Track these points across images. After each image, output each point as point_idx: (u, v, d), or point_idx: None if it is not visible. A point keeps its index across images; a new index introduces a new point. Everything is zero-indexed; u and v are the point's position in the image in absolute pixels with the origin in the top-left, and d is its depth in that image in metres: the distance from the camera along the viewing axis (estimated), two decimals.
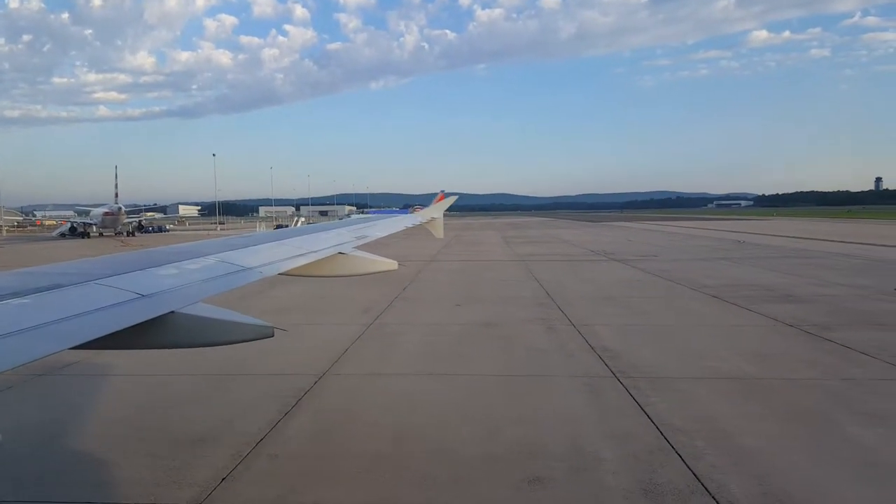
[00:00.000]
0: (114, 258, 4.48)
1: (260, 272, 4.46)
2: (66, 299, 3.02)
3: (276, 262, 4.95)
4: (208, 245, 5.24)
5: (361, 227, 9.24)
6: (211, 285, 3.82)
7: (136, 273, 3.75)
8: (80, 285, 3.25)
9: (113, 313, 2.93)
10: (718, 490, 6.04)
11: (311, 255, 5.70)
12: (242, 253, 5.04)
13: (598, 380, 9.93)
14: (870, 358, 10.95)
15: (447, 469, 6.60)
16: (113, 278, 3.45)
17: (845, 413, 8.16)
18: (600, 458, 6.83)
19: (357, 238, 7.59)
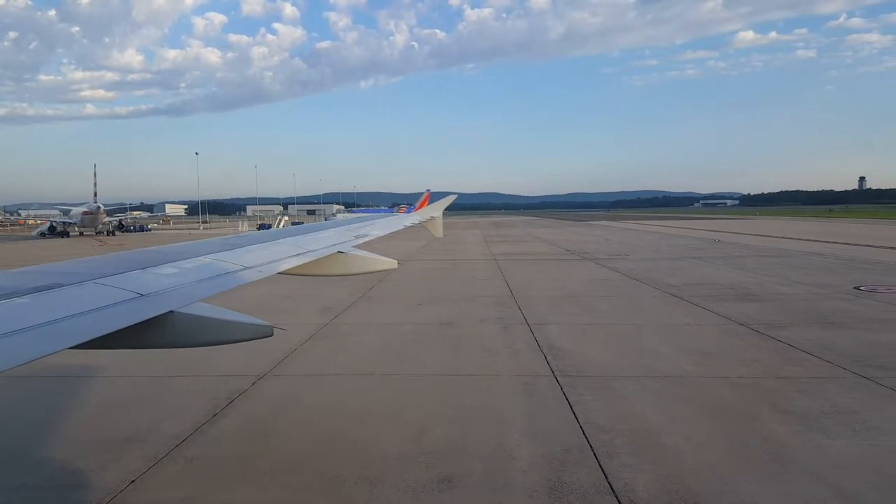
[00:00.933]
0: (113, 257, 4.44)
1: (259, 271, 4.47)
2: (65, 298, 3.01)
3: (275, 262, 4.94)
4: (207, 244, 5.23)
5: (361, 226, 9.22)
6: (210, 284, 3.82)
7: (136, 272, 3.73)
8: (80, 284, 3.24)
9: (112, 313, 2.93)
10: (623, 489, 6.07)
11: (311, 254, 5.70)
12: (242, 252, 5.04)
13: (537, 379, 9.96)
14: (810, 357, 11.05)
15: (359, 470, 6.58)
16: (112, 277, 3.43)
17: (769, 411, 8.23)
18: (515, 457, 6.85)
19: (356, 237, 7.59)
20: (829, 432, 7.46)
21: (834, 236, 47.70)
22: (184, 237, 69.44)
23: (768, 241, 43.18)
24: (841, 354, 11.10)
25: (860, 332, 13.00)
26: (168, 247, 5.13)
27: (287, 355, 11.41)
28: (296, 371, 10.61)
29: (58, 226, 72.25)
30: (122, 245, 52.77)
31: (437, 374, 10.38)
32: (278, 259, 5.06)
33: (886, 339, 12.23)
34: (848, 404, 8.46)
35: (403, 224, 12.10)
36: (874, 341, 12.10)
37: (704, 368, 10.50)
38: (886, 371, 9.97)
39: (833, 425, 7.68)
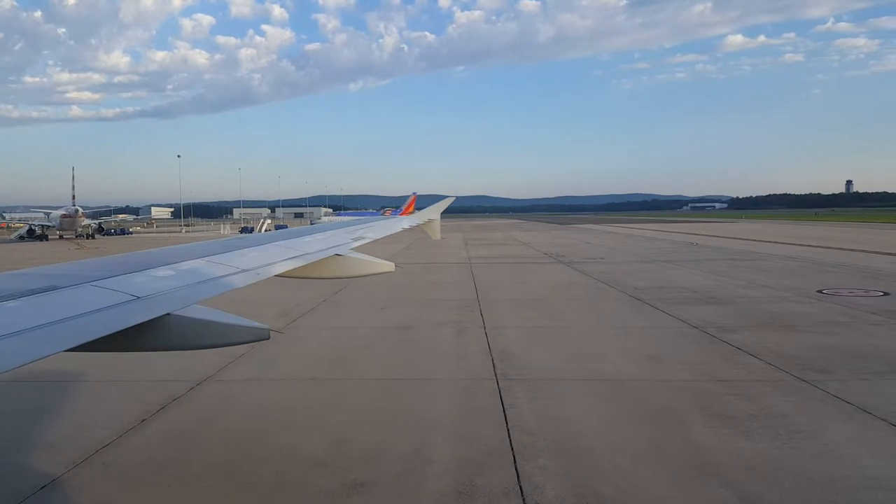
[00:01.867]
0: (110, 260, 4.40)
1: (257, 273, 4.45)
2: (61, 301, 2.99)
3: (272, 264, 4.92)
4: (205, 247, 5.20)
5: (358, 228, 9.17)
6: (207, 287, 3.79)
7: (133, 275, 3.70)
8: (76, 287, 3.22)
9: (109, 315, 2.91)
10: (533, 491, 6.07)
11: (308, 256, 5.67)
12: (239, 255, 5.00)
13: (478, 382, 9.95)
14: (755, 360, 11.11)
15: (272, 476, 6.54)
16: (109, 280, 3.41)
17: (699, 415, 8.25)
18: (434, 461, 6.83)
19: (354, 239, 7.55)
20: (752, 435, 7.48)
21: (812, 239, 48.06)
22: (164, 240, 69.01)
23: (744, 245, 43.46)
24: (785, 357, 11.16)
25: (811, 335, 13.09)
26: (165, 249, 5.12)
27: (232, 360, 11.32)
28: (237, 376, 10.53)
29: (37, 229, 71.53)
30: (98, 249, 52.38)
31: (379, 379, 10.35)
32: (275, 262, 5.06)
33: (834, 343, 12.32)
34: (779, 407, 8.50)
35: (401, 226, 12.10)
36: (822, 344, 12.18)
37: (647, 371, 10.53)
38: (825, 374, 10.04)
39: (758, 428, 7.71)
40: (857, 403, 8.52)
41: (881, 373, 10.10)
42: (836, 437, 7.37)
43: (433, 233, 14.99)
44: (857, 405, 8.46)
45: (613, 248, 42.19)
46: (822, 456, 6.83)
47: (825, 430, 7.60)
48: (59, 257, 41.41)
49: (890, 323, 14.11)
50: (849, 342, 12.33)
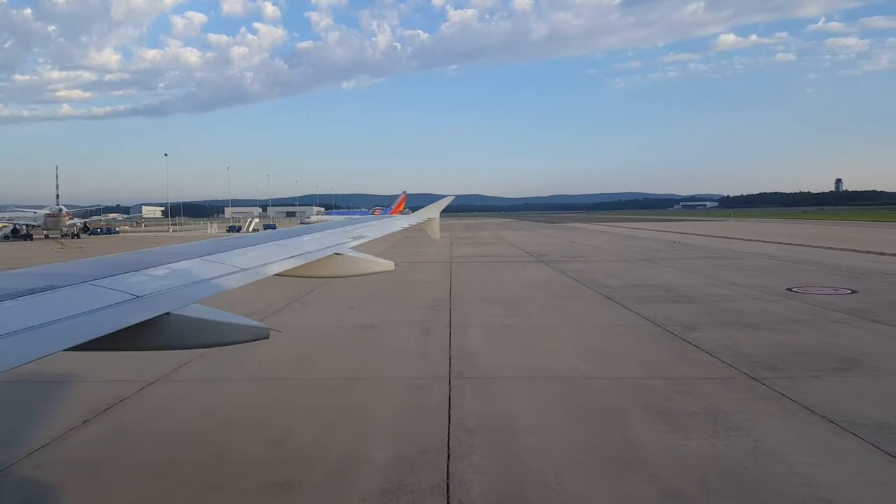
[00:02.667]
0: (109, 259, 4.38)
1: (256, 273, 4.45)
2: (61, 300, 2.98)
3: (272, 263, 4.91)
4: (205, 246, 5.19)
5: (358, 227, 9.15)
6: (207, 286, 3.77)
7: (132, 274, 3.69)
8: (75, 286, 3.21)
9: (108, 314, 2.90)
10: (459, 489, 6.09)
11: (308, 255, 5.67)
12: (239, 254, 4.99)
13: (431, 381, 9.96)
14: (710, 357, 11.17)
15: (206, 475, 6.54)
16: (108, 279, 3.40)
17: (641, 412, 8.30)
18: (368, 461, 6.83)
19: (353, 238, 7.54)
20: (690, 433, 7.53)
21: (795, 238, 48.36)
22: (149, 240, 68.72)
23: (726, 243, 43.68)
24: (740, 355, 11.24)
25: (771, 333, 13.18)
26: (163, 248, 5.11)
27: (187, 361, 11.29)
28: (190, 376, 10.51)
29: (21, 228, 71.07)
30: (82, 248, 52.07)
31: (332, 378, 10.36)
32: (274, 261, 5.05)
33: (791, 340, 12.41)
34: (722, 405, 8.56)
35: (400, 226, 12.13)
36: (779, 342, 12.26)
37: (601, 369, 10.58)
38: (776, 372, 10.11)
39: (697, 426, 7.76)
40: (801, 401, 8.59)
41: (831, 370, 10.19)
42: (771, 435, 7.42)
43: (433, 232, 15.07)
44: (801, 402, 8.53)
45: (596, 247, 42.32)
46: (754, 453, 6.88)
47: (763, 428, 7.66)
48: (42, 258, 41.14)
49: (850, 321, 14.23)
50: (806, 340, 12.42)
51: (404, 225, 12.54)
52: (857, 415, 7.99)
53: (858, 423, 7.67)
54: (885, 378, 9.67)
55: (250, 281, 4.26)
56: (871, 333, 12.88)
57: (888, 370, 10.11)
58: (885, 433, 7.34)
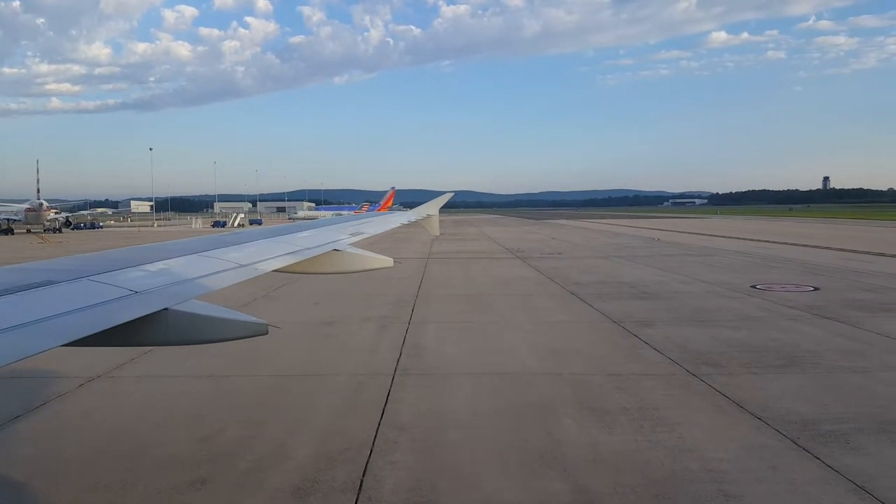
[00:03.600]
0: (108, 254, 4.35)
1: (254, 269, 4.44)
2: (59, 295, 2.97)
3: (270, 259, 4.89)
4: (203, 242, 5.16)
5: (358, 223, 9.11)
6: (206, 282, 3.76)
7: (130, 269, 3.67)
8: (74, 282, 3.20)
9: (106, 310, 2.89)
10: (372, 486, 6.11)
11: (307, 251, 5.64)
12: (237, 250, 4.96)
13: (373, 378, 9.97)
14: (657, 354, 11.25)
15: (123, 473, 6.51)
16: (106, 275, 3.38)
17: (573, 408, 8.35)
18: (289, 458, 6.83)
19: (352, 234, 7.51)
20: (615, 429, 7.59)
21: (775, 235, 48.73)
22: (133, 234, 68.37)
23: (705, 240, 43.93)
24: (688, 352, 11.33)
25: (723, 329, 13.28)
26: (164, 244, 5.09)
27: (139, 356, 11.25)
28: (134, 373, 10.46)
29: (2, 223, 70.43)
30: (62, 243, 51.66)
31: (276, 375, 10.33)
32: (272, 257, 5.04)
33: (741, 337, 12.52)
34: (655, 401, 8.62)
35: (400, 222, 12.12)
36: (729, 339, 12.36)
37: (547, 365, 10.63)
38: (717, 368, 10.20)
39: (625, 422, 7.82)
40: (734, 397, 8.68)
41: (773, 367, 10.28)
42: (696, 431, 7.49)
43: (432, 229, 15.11)
44: (734, 399, 8.61)
45: (576, 244, 42.44)
46: (674, 449, 6.94)
47: (689, 424, 7.72)
48: (11, 252, 40.80)
49: (804, 317, 14.36)
50: (755, 337, 12.53)
51: (403, 221, 12.58)
52: (785, 411, 8.08)
53: (784, 420, 7.76)
54: (822, 375, 9.77)
55: (248, 277, 4.28)
56: (820, 330, 13.01)
57: (826, 367, 10.21)
58: (808, 430, 7.43)
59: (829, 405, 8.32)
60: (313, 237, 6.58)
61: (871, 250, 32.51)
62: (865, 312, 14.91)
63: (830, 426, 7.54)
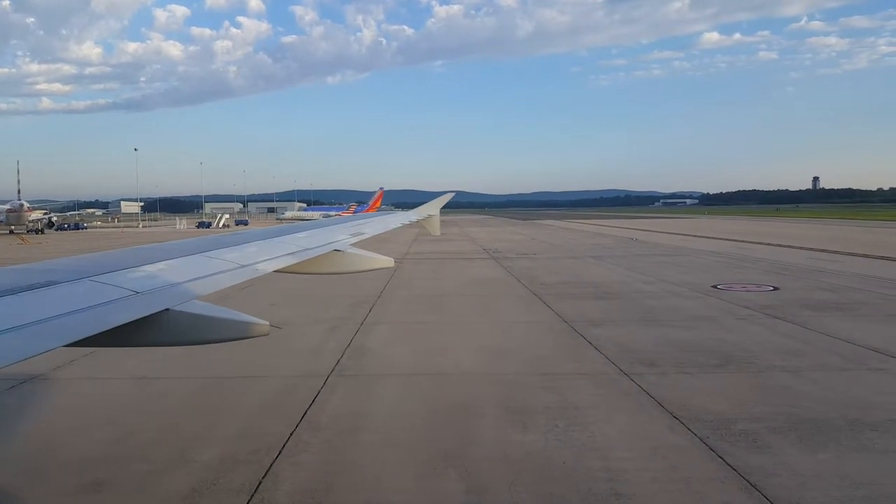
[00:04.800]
0: (109, 254, 4.34)
1: (255, 269, 4.43)
2: (61, 296, 2.97)
3: (271, 260, 4.89)
4: (204, 242, 5.16)
5: (358, 224, 9.11)
6: (207, 282, 3.75)
7: (132, 270, 3.66)
8: (76, 282, 3.21)
9: (108, 310, 2.89)
10: (270, 487, 6.09)
11: (307, 252, 5.63)
12: (238, 250, 4.95)
13: (306, 379, 9.94)
14: (597, 354, 11.28)
15: (26, 475, 6.48)
16: (108, 275, 3.39)
17: (496, 408, 8.37)
18: (194, 461, 6.80)
19: (353, 235, 7.49)
20: (530, 428, 7.60)
21: (755, 235, 48.98)
22: (116, 235, 68.03)
23: (682, 241, 44.13)
24: (628, 352, 11.36)
25: (671, 329, 13.34)
26: (165, 244, 5.09)
27: (75, 359, 11.18)
28: (69, 375, 10.38)
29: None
30: (41, 244, 51.36)
31: (208, 377, 10.26)
32: (273, 257, 5.04)
33: (686, 337, 12.57)
34: (579, 400, 8.65)
35: (401, 222, 12.15)
36: (673, 339, 12.41)
37: (484, 366, 10.65)
38: (651, 368, 10.25)
39: (541, 421, 7.83)
40: (658, 397, 8.71)
41: (707, 366, 10.33)
42: (609, 430, 7.52)
43: (433, 229, 15.10)
44: (657, 398, 8.65)
45: (554, 244, 42.54)
46: (581, 448, 6.97)
47: (605, 423, 7.75)
48: None
49: (754, 317, 14.44)
50: (700, 336, 12.59)
51: (405, 221, 12.61)
52: (705, 411, 8.12)
53: (701, 420, 7.79)
54: (753, 375, 9.82)
55: (249, 278, 4.29)
56: (767, 330, 13.08)
57: (760, 367, 10.27)
58: (720, 429, 7.46)
59: (750, 405, 8.36)
60: (314, 237, 6.59)
61: (844, 250, 32.72)
62: (817, 312, 15.00)
63: (744, 425, 7.58)
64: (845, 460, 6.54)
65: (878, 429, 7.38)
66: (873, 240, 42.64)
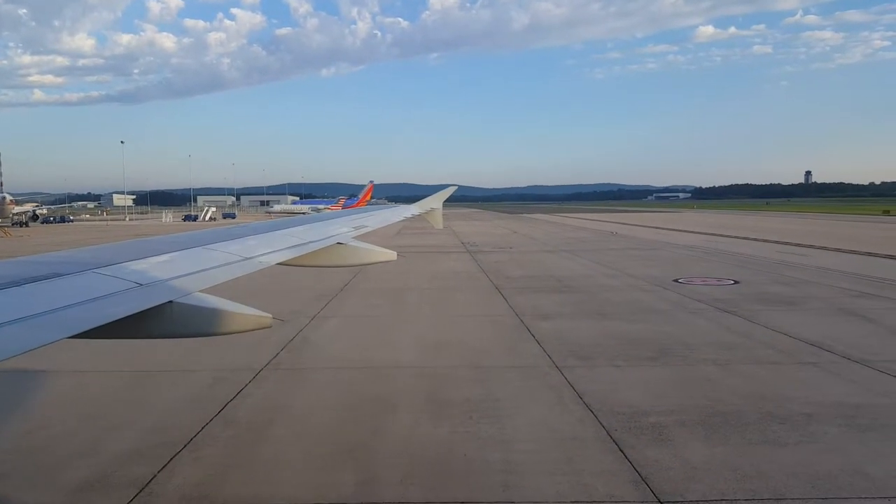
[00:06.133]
0: (113, 247, 4.35)
1: (259, 262, 4.43)
2: (65, 288, 2.97)
3: (274, 252, 4.89)
4: (207, 235, 5.17)
5: (361, 217, 9.11)
6: (210, 275, 3.75)
7: (135, 262, 3.65)
8: (80, 274, 3.20)
9: (112, 302, 2.88)
10: (161, 481, 6.08)
11: (311, 245, 5.63)
12: (240, 243, 4.95)
13: (237, 373, 9.87)
14: (536, 347, 11.32)
15: None
16: (112, 267, 3.38)
17: (418, 401, 8.41)
18: (94, 454, 6.76)
19: (355, 228, 7.49)
20: (443, 421, 7.63)
21: (736, 229, 49.18)
22: (100, 228, 67.79)
23: (661, 234, 44.30)
24: (568, 344, 11.42)
25: (618, 322, 13.40)
26: (168, 236, 5.10)
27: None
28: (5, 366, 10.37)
29: None
30: (22, 237, 51.10)
31: (137, 371, 10.15)
32: (277, 250, 5.04)
33: (630, 330, 12.62)
34: (502, 393, 8.69)
35: (403, 216, 12.15)
36: (617, 332, 12.47)
37: (420, 359, 10.68)
38: (584, 361, 10.29)
39: (458, 414, 7.86)
40: (580, 389, 8.75)
41: (639, 359, 10.38)
42: (520, 422, 7.55)
43: (435, 222, 15.11)
44: (578, 391, 8.69)
45: (532, 238, 42.60)
46: (487, 440, 7.00)
47: (519, 416, 7.78)
48: None
49: (705, 311, 14.51)
50: (645, 330, 12.63)
51: (407, 215, 12.59)
52: (620, 403, 8.16)
53: (614, 412, 7.84)
54: (682, 368, 9.88)
55: (253, 270, 4.29)
56: (712, 324, 13.14)
57: (692, 360, 10.32)
58: (630, 422, 7.51)
59: (668, 397, 8.41)
60: (316, 230, 6.59)
61: (818, 244, 32.90)
62: (768, 306, 15.08)
63: (655, 418, 7.62)
64: (742, 453, 6.58)
65: (787, 422, 7.44)
66: (851, 234, 42.90)
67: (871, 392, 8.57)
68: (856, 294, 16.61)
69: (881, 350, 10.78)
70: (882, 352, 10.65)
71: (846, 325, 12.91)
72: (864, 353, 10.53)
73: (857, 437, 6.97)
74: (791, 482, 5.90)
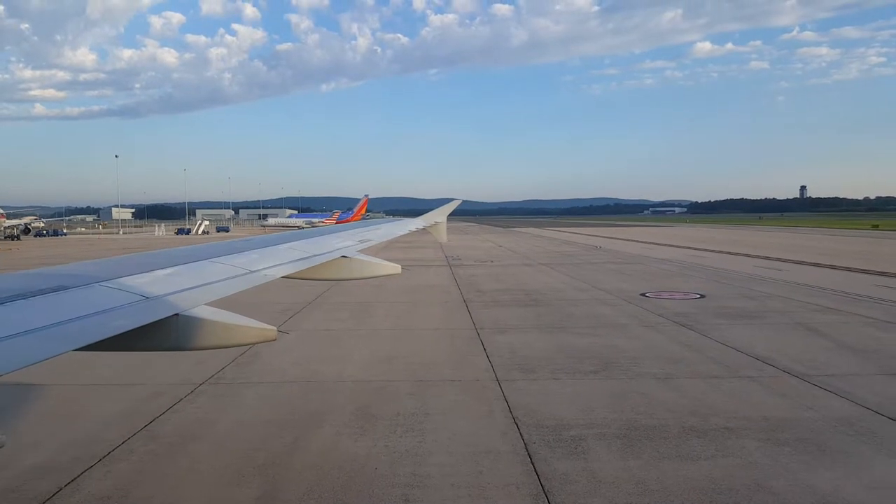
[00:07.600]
0: (119, 260, 4.38)
1: (264, 275, 4.45)
2: (71, 301, 2.98)
3: (279, 266, 4.91)
4: (213, 248, 5.21)
5: (365, 230, 9.17)
6: (215, 288, 3.77)
7: (141, 275, 3.69)
8: (86, 287, 3.21)
9: (118, 315, 2.90)
10: (67, 495, 6.11)
11: (315, 258, 5.65)
12: (246, 256, 4.97)
13: (179, 387, 9.87)
14: (485, 361, 11.37)
15: None
16: (117, 280, 3.41)
17: (348, 415, 8.42)
18: (10, 467, 6.78)
19: (360, 241, 7.55)
20: (366, 435, 7.66)
21: (720, 244, 49.35)
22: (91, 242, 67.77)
23: (644, 249, 44.46)
24: (517, 357, 11.49)
25: (572, 336, 13.45)
26: (174, 250, 5.13)
27: None
28: None
29: None
30: (10, 251, 51.05)
31: (81, 385, 10.20)
32: (282, 263, 5.05)
33: (581, 343, 12.69)
34: (435, 406, 8.73)
35: (408, 229, 12.25)
36: (567, 345, 12.52)
37: (364, 373, 10.71)
38: (526, 374, 10.34)
39: (382, 428, 7.90)
40: (512, 402, 8.80)
41: (581, 373, 10.42)
42: (443, 436, 7.59)
43: (440, 235, 15.19)
44: (511, 405, 8.73)
45: (517, 252, 42.71)
46: (403, 454, 7.03)
47: (444, 429, 7.82)
48: None
49: (663, 325, 14.57)
50: (596, 344, 12.67)
51: (412, 228, 12.68)
52: (548, 417, 8.20)
53: (539, 425, 7.88)
54: (621, 382, 9.91)
55: (259, 283, 4.31)
56: (665, 338, 13.19)
57: (633, 373, 10.36)
58: (550, 435, 7.55)
59: (595, 411, 8.45)
60: (321, 244, 6.62)
61: (796, 259, 33.04)
62: (727, 320, 15.15)
63: (577, 431, 7.67)
64: (652, 467, 6.62)
65: (706, 436, 7.48)
66: (833, 248, 43.08)
67: (799, 406, 8.61)
68: (817, 309, 16.69)
69: (824, 364, 10.84)
70: (824, 366, 10.71)
71: (798, 339, 12.97)
72: (807, 367, 10.59)
73: (771, 452, 7.01)
74: (691, 496, 5.94)
